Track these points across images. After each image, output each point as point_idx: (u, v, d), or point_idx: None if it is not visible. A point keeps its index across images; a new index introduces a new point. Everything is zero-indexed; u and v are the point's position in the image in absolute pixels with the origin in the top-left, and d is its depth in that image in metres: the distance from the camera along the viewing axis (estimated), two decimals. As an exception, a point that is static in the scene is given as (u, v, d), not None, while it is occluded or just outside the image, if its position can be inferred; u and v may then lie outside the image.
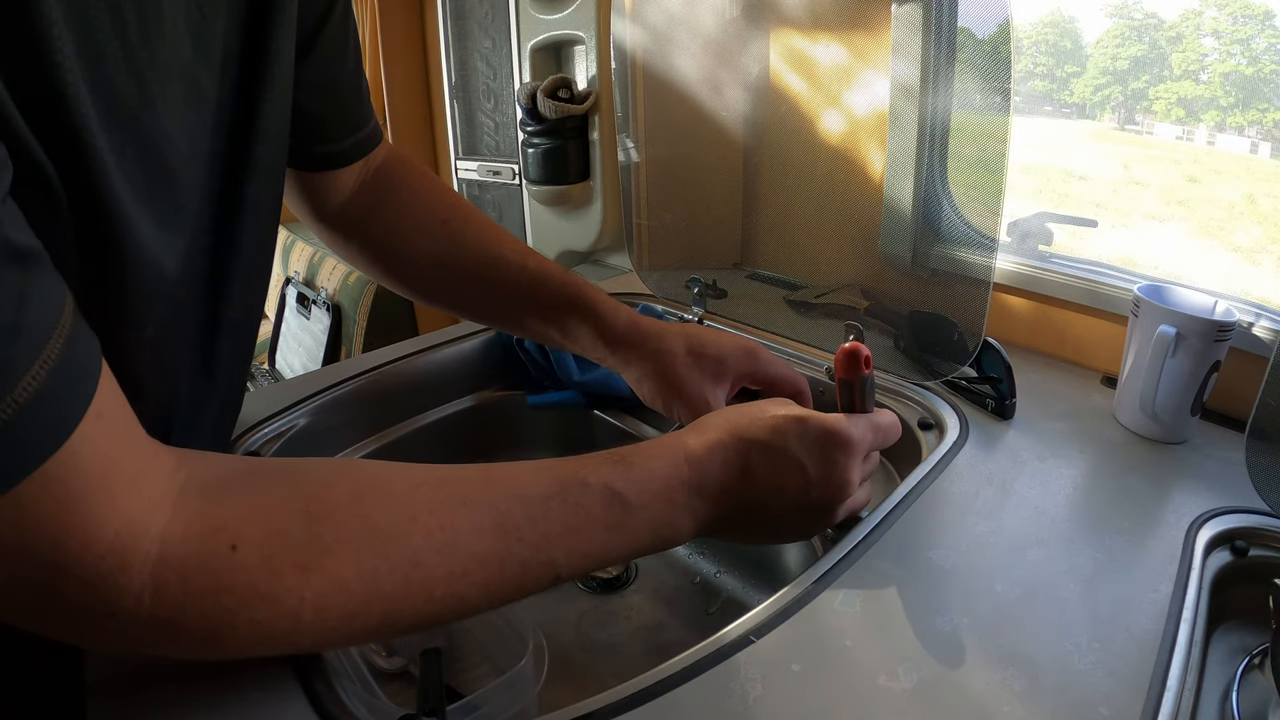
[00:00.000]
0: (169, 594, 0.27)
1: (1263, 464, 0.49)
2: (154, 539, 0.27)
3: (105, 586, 0.26)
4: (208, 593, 0.27)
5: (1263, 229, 0.86)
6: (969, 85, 0.61)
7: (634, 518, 0.37)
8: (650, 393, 0.55)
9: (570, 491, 0.36)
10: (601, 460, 0.38)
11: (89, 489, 0.25)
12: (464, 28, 1.35)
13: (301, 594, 0.29)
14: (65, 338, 0.24)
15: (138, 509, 0.27)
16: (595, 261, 1.23)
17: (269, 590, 0.28)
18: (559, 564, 0.35)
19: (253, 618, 0.28)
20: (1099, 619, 0.40)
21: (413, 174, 0.58)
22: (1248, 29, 0.85)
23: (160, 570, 0.26)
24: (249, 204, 0.40)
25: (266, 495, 0.30)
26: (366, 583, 0.30)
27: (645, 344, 0.55)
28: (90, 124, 0.27)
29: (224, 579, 0.28)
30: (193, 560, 0.27)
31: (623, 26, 0.83)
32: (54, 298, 0.25)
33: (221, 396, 0.46)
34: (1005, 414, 0.61)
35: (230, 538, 0.28)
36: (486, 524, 0.33)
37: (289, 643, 0.30)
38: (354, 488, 0.32)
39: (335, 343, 1.59)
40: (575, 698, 0.35)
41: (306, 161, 0.52)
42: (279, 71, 0.39)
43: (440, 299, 0.59)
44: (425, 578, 0.31)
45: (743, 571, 0.65)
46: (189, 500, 0.28)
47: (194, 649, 0.29)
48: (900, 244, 0.73)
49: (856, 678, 0.36)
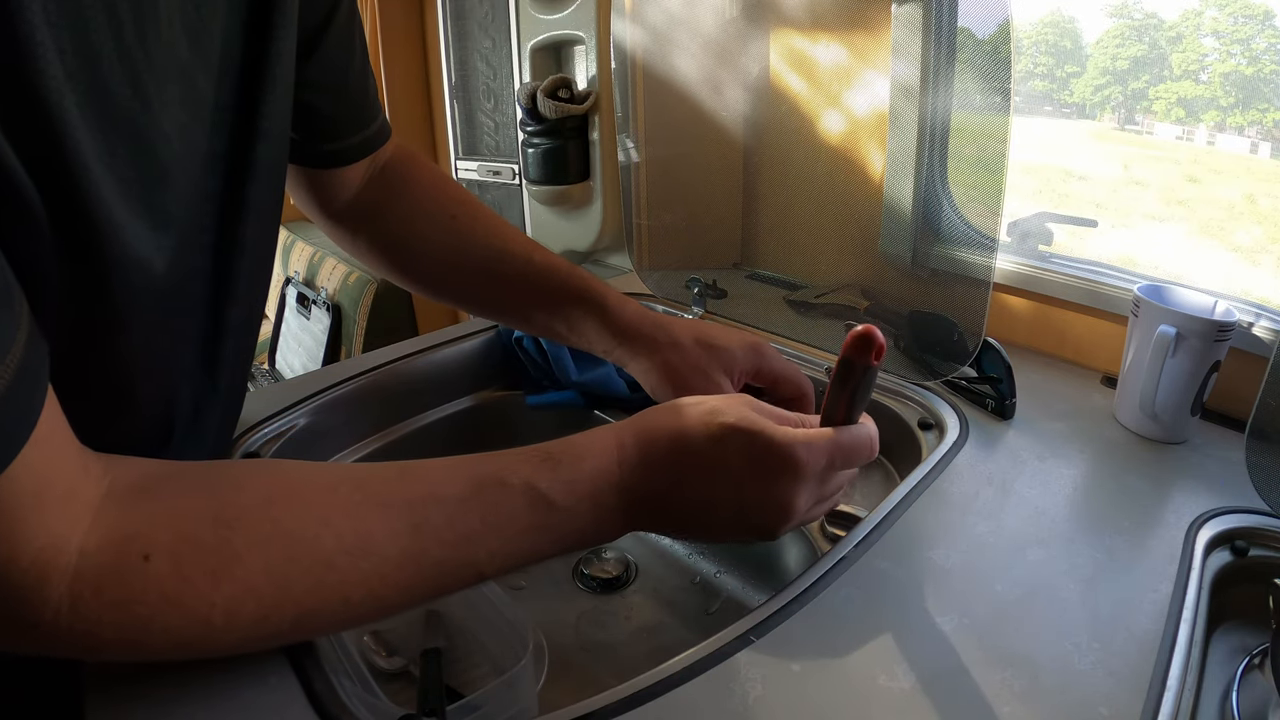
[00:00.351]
0: (85, 606, 0.27)
1: (1263, 464, 0.49)
2: (73, 551, 0.27)
3: (27, 599, 0.26)
4: (121, 604, 0.28)
5: (1263, 229, 0.86)
6: (969, 85, 0.61)
7: (559, 519, 0.36)
8: (657, 384, 0.55)
9: (489, 492, 0.35)
10: (525, 458, 0.36)
11: (22, 508, 0.26)
12: (464, 28, 1.35)
13: (212, 600, 0.29)
14: (14, 369, 0.24)
15: (62, 523, 0.27)
16: (595, 261, 1.23)
17: (179, 598, 0.28)
18: (480, 563, 0.35)
19: (166, 625, 0.29)
20: (1099, 619, 0.40)
21: (420, 169, 0.59)
22: (1248, 29, 0.85)
23: (76, 583, 0.27)
24: (251, 203, 0.40)
25: (180, 501, 0.30)
26: (278, 587, 0.30)
27: (653, 336, 0.55)
28: (74, 128, 0.27)
29: (136, 590, 0.28)
30: (107, 571, 0.28)
31: (623, 26, 0.83)
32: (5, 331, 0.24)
33: (225, 396, 0.46)
34: (1005, 414, 0.61)
35: (143, 547, 0.28)
36: (401, 526, 0.33)
37: (205, 647, 0.30)
38: (266, 491, 0.32)
39: (335, 343, 1.59)
40: (575, 698, 0.35)
41: (314, 159, 0.53)
42: (280, 72, 0.39)
43: (447, 294, 0.60)
44: (340, 581, 0.32)
45: (743, 571, 0.65)
46: (108, 509, 0.29)
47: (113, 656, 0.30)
48: (900, 244, 0.73)
49: (856, 678, 0.36)
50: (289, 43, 0.40)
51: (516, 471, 0.36)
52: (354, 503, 0.33)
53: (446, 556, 0.34)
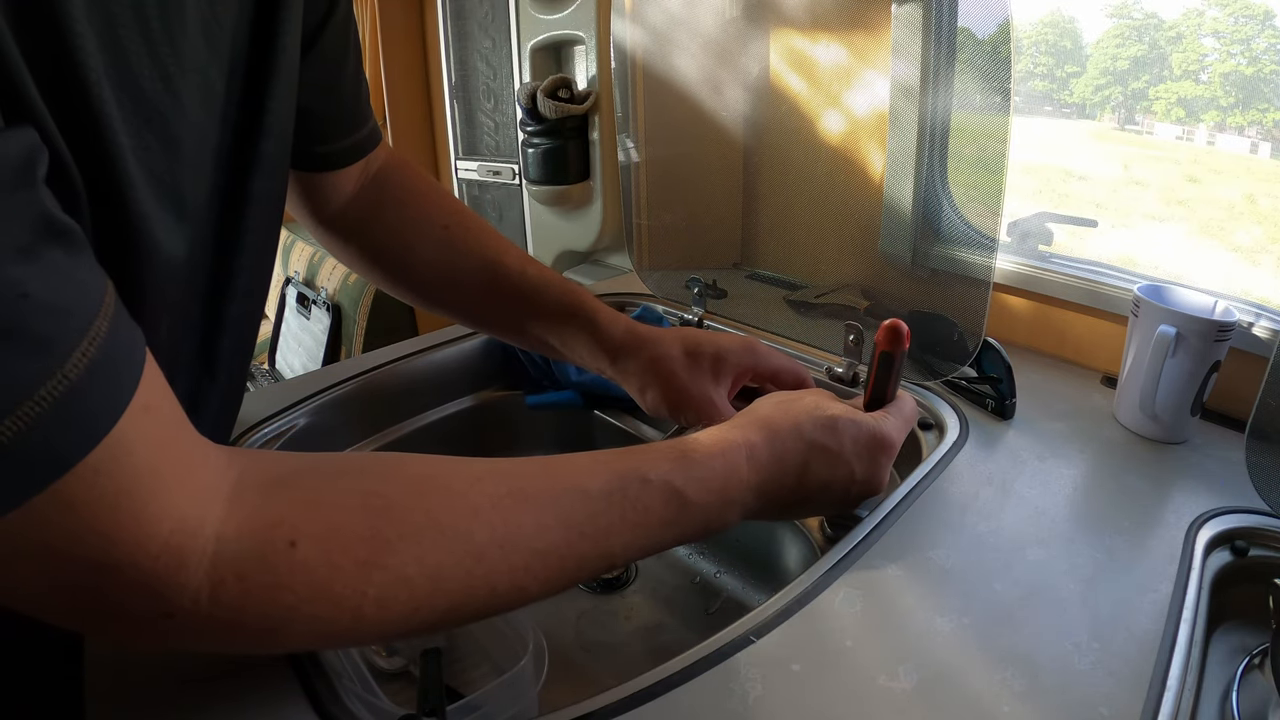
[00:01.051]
0: (227, 593, 0.26)
1: (1263, 464, 0.49)
2: (209, 537, 0.26)
3: (161, 587, 0.25)
4: (267, 590, 0.27)
5: (1263, 229, 0.86)
6: (969, 85, 0.61)
7: (690, 513, 0.38)
8: (654, 401, 0.55)
9: (631, 488, 0.36)
10: (663, 455, 0.38)
11: (140, 484, 0.24)
12: (464, 28, 1.35)
13: (364, 590, 0.28)
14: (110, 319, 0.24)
15: (192, 506, 0.26)
16: (595, 261, 1.23)
17: (330, 587, 0.28)
18: (615, 555, 0.35)
19: (314, 613, 0.27)
20: (1099, 619, 0.40)
21: (414, 178, 0.58)
22: (1248, 29, 0.85)
23: (217, 569, 0.26)
24: (254, 199, 0.40)
25: (324, 490, 0.29)
26: (430, 579, 0.30)
27: (642, 351, 0.55)
28: (113, 119, 0.27)
29: (283, 576, 0.27)
30: (251, 557, 0.26)
31: (623, 26, 0.83)
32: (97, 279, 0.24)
33: (223, 393, 0.46)
34: (1005, 414, 0.61)
35: (289, 534, 0.27)
36: (549, 519, 0.33)
37: (350, 637, 0.29)
38: (414, 482, 0.32)
39: (335, 343, 1.60)
40: (575, 698, 0.35)
41: (305, 161, 0.53)
42: (285, 68, 0.39)
43: (440, 305, 0.59)
44: (488, 572, 0.31)
45: (743, 571, 0.65)
46: (245, 496, 0.27)
47: (251, 646, 0.29)
48: (900, 244, 0.73)
49: (856, 678, 0.36)
50: (294, 39, 0.40)
51: (656, 467, 0.37)
52: (500, 494, 0.33)
53: (588, 550, 0.34)
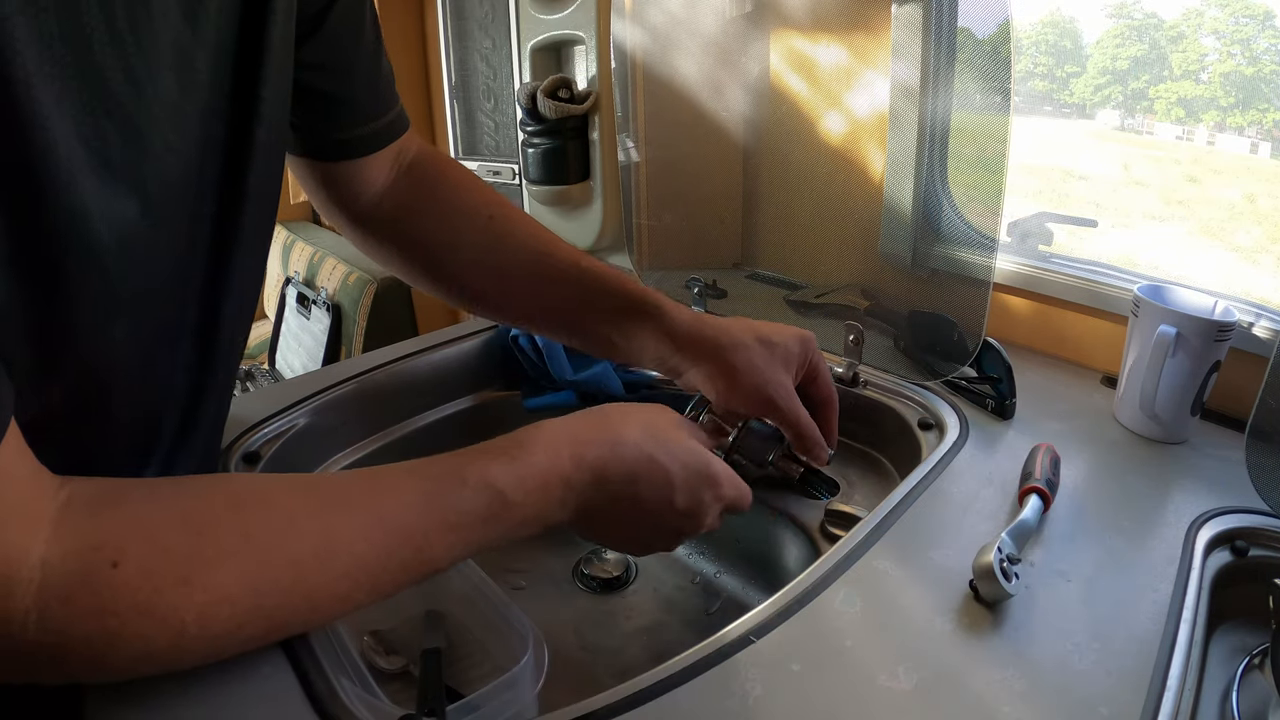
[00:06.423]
0: (53, 618, 0.26)
1: (1263, 464, 0.49)
2: (34, 565, 0.26)
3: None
4: (91, 614, 0.27)
5: (1263, 229, 0.86)
6: (969, 85, 0.61)
7: (511, 511, 0.37)
8: (724, 390, 0.51)
9: (449, 489, 0.36)
10: (488, 453, 0.38)
11: None
12: (464, 28, 1.35)
13: (185, 607, 0.29)
14: None
15: (19, 534, 0.26)
16: (595, 261, 1.23)
17: (151, 606, 0.28)
18: (438, 558, 0.36)
19: (138, 632, 0.28)
20: (1099, 619, 0.40)
21: (452, 168, 0.56)
22: (1248, 29, 0.85)
23: (43, 595, 0.26)
24: (250, 191, 0.39)
25: (146, 509, 0.30)
26: (250, 593, 0.30)
27: (715, 340, 0.51)
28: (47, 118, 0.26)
29: (106, 599, 0.27)
30: (74, 580, 0.27)
31: (623, 26, 0.83)
32: None
33: (219, 387, 0.45)
34: (1005, 414, 0.61)
35: (111, 555, 0.28)
36: (366, 527, 0.33)
37: (174, 658, 0.30)
38: (234, 498, 0.32)
39: (335, 343, 1.59)
40: (575, 698, 0.35)
41: (326, 150, 0.51)
42: (279, 52, 0.39)
43: (483, 301, 0.57)
44: (308, 583, 0.32)
45: (743, 571, 0.65)
46: (70, 518, 0.28)
47: (80, 671, 0.29)
48: (900, 244, 0.73)
49: (856, 678, 0.36)
50: (287, 25, 0.39)
51: (476, 467, 0.37)
52: (317, 505, 0.33)
53: (409, 555, 0.35)
